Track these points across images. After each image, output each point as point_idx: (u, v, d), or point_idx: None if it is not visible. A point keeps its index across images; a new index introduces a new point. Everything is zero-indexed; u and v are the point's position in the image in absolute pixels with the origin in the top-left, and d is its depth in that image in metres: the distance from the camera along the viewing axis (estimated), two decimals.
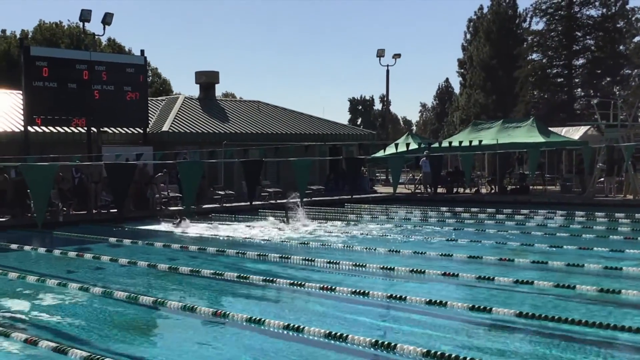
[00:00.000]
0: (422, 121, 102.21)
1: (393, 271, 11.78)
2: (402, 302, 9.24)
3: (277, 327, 7.88)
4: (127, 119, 26.06)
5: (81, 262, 13.69)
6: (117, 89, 24.89)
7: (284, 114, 36.47)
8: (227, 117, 33.35)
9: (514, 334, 8.01)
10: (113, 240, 16.51)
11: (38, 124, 23.87)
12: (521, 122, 31.62)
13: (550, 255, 13.27)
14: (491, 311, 8.54)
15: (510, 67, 51.24)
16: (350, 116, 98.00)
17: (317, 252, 14.41)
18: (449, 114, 75.88)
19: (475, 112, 54.85)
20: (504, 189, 31.13)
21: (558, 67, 49.90)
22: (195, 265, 12.56)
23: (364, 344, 7.11)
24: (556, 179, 34.70)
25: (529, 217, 20.32)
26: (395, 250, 14.13)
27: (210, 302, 10.14)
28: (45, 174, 18.62)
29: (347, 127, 40.83)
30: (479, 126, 32.85)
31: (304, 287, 10.33)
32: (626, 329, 7.61)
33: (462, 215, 21.60)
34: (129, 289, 10.77)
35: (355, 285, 10.28)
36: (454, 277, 11.05)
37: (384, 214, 22.66)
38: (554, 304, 9.46)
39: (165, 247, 15.40)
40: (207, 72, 35.94)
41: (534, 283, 10.30)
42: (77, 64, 24.04)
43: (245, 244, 15.87)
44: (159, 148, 26.15)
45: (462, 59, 63.62)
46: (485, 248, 14.47)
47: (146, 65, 27.94)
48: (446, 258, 13.10)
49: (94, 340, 8.02)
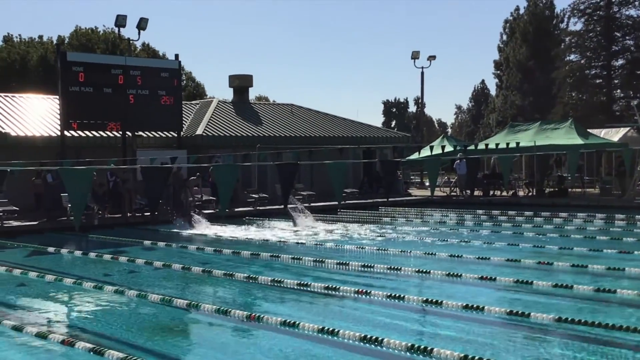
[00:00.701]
0: (457, 123, 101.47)
1: (429, 275, 11.64)
2: (438, 306, 9.11)
3: (312, 331, 7.81)
4: (161, 123, 26.22)
5: (116, 265, 13.76)
6: (152, 93, 25.05)
7: (318, 117, 36.42)
8: (261, 120, 33.41)
9: (553, 339, 7.86)
10: (147, 243, 16.58)
11: (74, 128, 24.12)
12: (559, 124, 31.15)
13: (589, 258, 13.00)
14: (529, 316, 8.38)
15: (547, 68, 50.59)
16: (384, 119, 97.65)
17: (351, 255, 14.29)
18: (484, 115, 75.17)
19: (511, 113, 54.25)
20: (542, 191, 30.68)
21: (597, 68, 49.08)
22: (229, 268, 12.53)
23: (400, 348, 7.01)
24: (595, 182, 34.11)
25: (567, 220, 20.00)
26: (430, 253, 13.95)
27: (244, 305, 10.09)
28: (82, 177, 18.83)
29: (381, 130, 40.64)
30: (516, 128, 32.44)
31: (338, 290, 10.25)
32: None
33: (499, 218, 21.31)
34: (164, 291, 10.80)
35: (390, 289, 10.17)
36: (491, 280, 10.86)
37: (419, 217, 22.47)
38: (593, 308, 9.27)
39: (199, 250, 15.42)
40: (240, 75, 36.06)
41: (574, 287, 10.09)
42: (113, 69, 24.26)
43: (278, 247, 15.80)
44: (193, 152, 26.27)
45: (498, 60, 63.03)
46: (523, 251, 14.25)
47: (180, 70, 28.09)
48: (483, 261, 12.91)
49: (129, 342, 8.05)
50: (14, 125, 25.00)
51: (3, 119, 25.33)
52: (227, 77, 36.36)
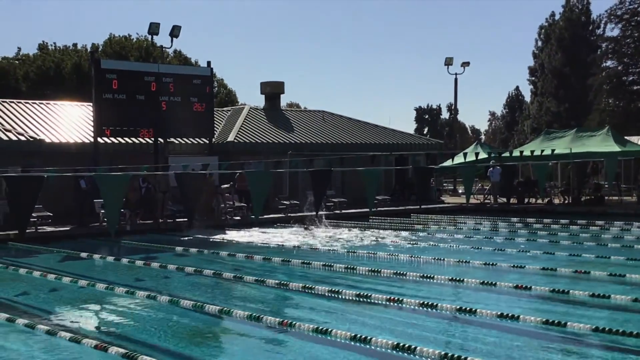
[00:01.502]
0: (491, 130, 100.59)
1: (462, 283, 11.47)
2: (472, 315, 8.97)
3: (344, 338, 7.73)
4: (193, 129, 26.33)
5: (148, 271, 13.81)
6: (184, 100, 25.18)
7: (349, 124, 36.34)
8: (292, 127, 33.42)
9: (590, 349, 7.72)
10: (179, 249, 16.61)
11: (107, 135, 24.32)
12: (596, 131, 30.64)
13: (627, 267, 12.73)
14: (566, 325, 8.21)
15: (583, 74, 49.88)
16: (417, 125, 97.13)
17: (383, 263, 14.16)
18: (519, 122, 74.39)
19: (546, 120, 53.57)
20: (579, 199, 30.21)
21: (634, 74, 48.25)
22: (260, 275, 12.49)
23: (433, 356, 6.91)
24: (633, 190, 33.52)
25: (604, 229, 19.65)
26: (464, 261, 13.77)
27: (275, 312, 10.03)
28: (118, 183, 18.99)
29: (414, 137, 40.42)
30: (551, 135, 31.98)
31: (370, 298, 10.15)
32: None
33: (534, 226, 21.00)
34: (195, 297, 10.78)
35: (423, 297, 10.06)
36: (526, 289, 10.68)
37: (452, 225, 22.25)
38: (631, 318, 9.07)
39: (230, 256, 15.41)
40: (272, 82, 36.13)
41: (611, 297, 9.88)
42: (146, 76, 24.42)
43: (310, 254, 15.73)
44: (224, 158, 26.33)
45: (533, 66, 62.32)
46: (559, 260, 14.01)
47: (212, 77, 28.22)
48: (518, 270, 12.71)
49: (161, 348, 8.06)
50: (48, 132, 25.29)
51: (38, 126, 25.64)
52: (258, 84, 36.50)
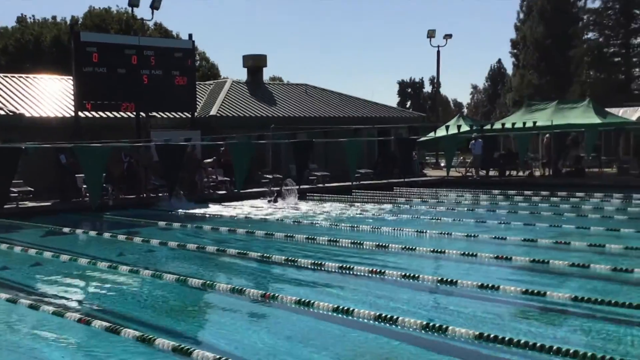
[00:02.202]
0: (473, 103, 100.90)
1: (444, 254, 11.58)
2: (453, 285, 9.06)
3: (327, 310, 7.78)
4: (175, 103, 26.17)
5: (131, 245, 13.80)
6: (166, 74, 25.00)
7: (332, 97, 36.26)
8: (275, 100, 33.30)
9: (569, 318, 7.84)
10: (162, 224, 16.60)
11: (88, 109, 24.12)
12: (577, 103, 30.87)
13: (607, 238, 12.88)
14: (545, 295, 8.32)
15: (565, 46, 50.05)
16: (400, 99, 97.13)
17: (366, 235, 14.24)
18: (501, 95, 74.70)
19: (528, 93, 53.82)
20: (559, 171, 30.44)
21: (615, 46, 48.56)
22: (243, 248, 12.52)
23: (415, 327, 6.98)
24: (613, 162, 33.80)
25: (584, 200, 19.83)
26: (446, 233, 13.88)
27: (258, 284, 10.08)
28: (98, 155, 18.92)
29: (396, 110, 40.43)
30: (532, 107, 32.16)
31: (352, 270, 10.21)
32: None
33: (516, 198, 21.18)
34: (178, 271, 10.81)
35: (405, 269, 10.12)
36: (507, 260, 10.80)
37: (434, 197, 22.36)
38: (611, 288, 9.21)
39: (213, 230, 15.42)
40: (254, 55, 35.89)
41: (590, 266, 10.01)
42: (126, 49, 24.20)
43: (293, 227, 15.79)
44: (207, 132, 26.24)
45: (515, 39, 62.40)
46: (540, 231, 14.13)
47: (194, 50, 27.98)
48: (499, 241, 12.84)
49: (145, 321, 8.08)
50: (28, 107, 25.05)
51: (17, 100, 25.37)
52: (240, 57, 36.28)
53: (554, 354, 6.08)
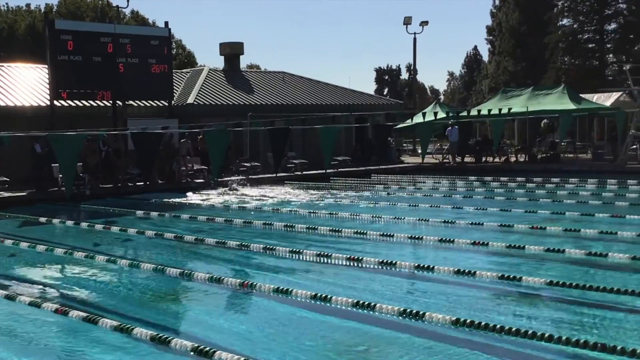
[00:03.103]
0: (449, 90, 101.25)
1: (421, 241, 11.66)
2: (430, 271, 9.15)
3: (305, 297, 7.84)
4: (152, 91, 26.03)
5: (108, 235, 13.75)
6: (142, 62, 24.83)
7: (310, 85, 36.24)
8: (252, 88, 33.22)
9: (544, 302, 7.92)
10: (140, 213, 16.53)
11: (64, 98, 23.93)
12: (552, 89, 31.08)
13: (582, 223, 13.04)
14: (521, 280, 8.42)
15: (540, 33, 50.24)
16: (377, 86, 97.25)
17: (344, 222, 14.29)
18: (477, 82, 74.98)
19: (504, 79, 54.06)
20: (534, 157, 30.71)
21: (589, 32, 48.88)
22: (222, 237, 12.53)
23: (392, 313, 7.05)
24: (587, 147, 34.16)
25: (559, 186, 20.04)
26: (423, 219, 13.98)
27: (237, 273, 10.10)
28: (72, 144, 18.82)
29: (374, 97, 40.50)
30: (508, 94, 32.36)
31: (331, 257, 10.26)
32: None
33: (492, 184, 21.35)
34: (156, 260, 10.79)
35: (382, 256, 10.18)
36: (483, 246, 10.90)
37: (412, 184, 22.48)
38: (586, 272, 9.33)
39: (191, 219, 15.39)
40: (231, 43, 35.73)
41: (566, 251, 10.14)
42: (102, 37, 23.99)
43: (271, 215, 15.81)
44: (184, 121, 26.13)
45: (491, 25, 62.57)
46: (516, 217, 14.27)
47: (170, 38, 27.81)
48: (476, 227, 12.95)
49: (122, 311, 8.05)
50: (2, 96, 24.78)
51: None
52: (217, 45, 36.13)
53: (528, 338, 6.16)
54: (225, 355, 5.73)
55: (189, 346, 6.07)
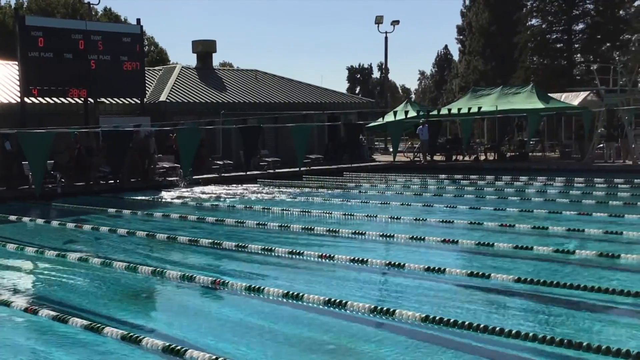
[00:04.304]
0: (420, 89, 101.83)
1: (393, 238, 11.78)
2: (401, 269, 9.24)
3: (277, 295, 7.88)
4: (124, 89, 25.88)
5: (80, 233, 13.67)
6: (114, 59, 24.69)
7: (282, 83, 36.27)
8: (225, 86, 33.16)
9: (513, 299, 8.01)
10: (112, 211, 16.47)
11: (34, 95, 23.71)
12: (521, 89, 31.48)
13: (550, 221, 13.26)
14: (489, 277, 8.53)
15: (509, 33, 50.76)
16: (349, 85, 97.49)
17: (316, 220, 14.39)
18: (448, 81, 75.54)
19: (474, 79, 54.53)
20: (503, 155, 31.08)
21: (558, 32, 49.46)
22: (195, 235, 12.54)
23: (363, 310, 7.12)
24: (555, 146, 34.63)
25: (528, 184, 20.31)
26: (394, 217, 14.11)
27: (209, 271, 10.12)
28: (41, 142, 18.65)
29: (346, 96, 40.62)
30: (478, 93, 32.71)
31: (303, 255, 10.33)
32: (625, 293, 7.61)
33: (462, 182, 21.58)
34: (128, 259, 10.77)
35: (354, 253, 10.26)
36: (453, 243, 11.04)
37: (384, 182, 22.64)
38: (554, 269, 9.46)
39: (164, 217, 15.38)
40: (204, 41, 35.63)
41: (534, 249, 10.30)
42: (73, 34, 23.80)
43: (244, 213, 15.85)
44: (157, 118, 26.03)
45: (461, 25, 63.05)
46: (485, 214, 14.46)
47: (142, 35, 27.67)
48: (446, 224, 13.10)
49: (94, 310, 8.01)
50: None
51: None
52: (190, 43, 36.00)
53: (496, 335, 6.24)
54: (197, 354, 5.73)
55: (159, 345, 6.05)
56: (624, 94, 27.97)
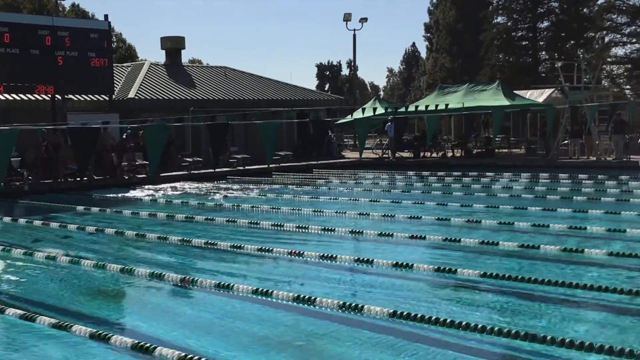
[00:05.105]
0: (389, 86, 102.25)
1: (362, 235, 11.88)
2: (369, 265, 9.34)
3: (246, 292, 7.90)
4: (92, 85, 25.69)
5: (47, 231, 13.55)
6: (81, 55, 24.50)
7: (252, 80, 36.23)
8: (194, 83, 33.06)
9: (479, 294, 8.12)
10: (80, 209, 16.36)
11: (0, 91, 23.45)
12: (487, 86, 31.82)
13: (515, 216, 13.46)
14: (456, 272, 8.65)
15: (476, 30, 51.16)
16: (318, 82, 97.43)
17: (285, 217, 14.45)
18: (415, 78, 76.00)
19: (441, 76, 54.95)
20: (470, 152, 31.41)
21: (523, 30, 49.94)
22: (165, 232, 12.52)
23: (332, 306, 7.18)
24: (521, 142, 35.06)
25: (494, 180, 20.56)
26: (363, 214, 14.23)
27: (178, 269, 10.12)
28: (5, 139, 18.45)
29: (315, 93, 40.71)
30: (445, 90, 33.01)
31: (272, 252, 10.37)
32: (588, 287, 7.76)
33: (429, 179, 21.77)
34: (97, 256, 10.72)
35: (323, 250, 10.31)
36: (421, 239, 11.15)
37: (353, 179, 22.76)
38: (519, 264, 9.60)
39: (133, 214, 15.32)
40: (172, 37, 35.46)
41: (500, 244, 10.45)
42: (40, 30, 23.59)
43: (213, 210, 15.85)
44: (125, 115, 25.88)
45: (429, 23, 63.51)
46: (452, 210, 14.63)
47: (110, 31, 27.49)
48: (414, 220, 13.23)
49: (62, 308, 7.97)
50: None
51: None
52: (158, 39, 35.80)
53: (463, 329, 6.33)
54: (166, 352, 5.74)
55: (129, 343, 6.04)
56: (587, 91, 28.45)
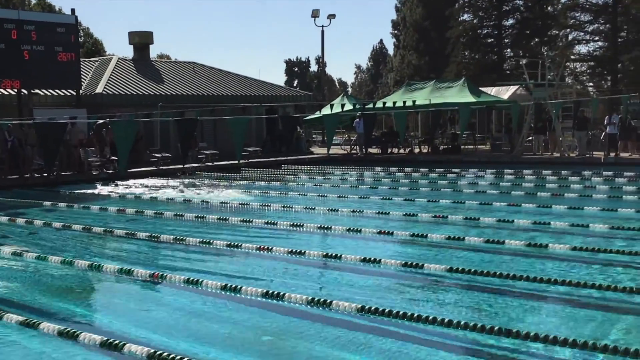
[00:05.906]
0: (357, 83, 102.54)
1: (330, 230, 11.96)
2: (338, 260, 9.42)
3: (215, 288, 7.92)
4: (59, 80, 25.44)
5: (13, 227, 13.41)
6: (48, 50, 24.25)
7: (220, 76, 36.15)
8: (162, 78, 32.89)
9: (445, 289, 8.25)
10: (47, 204, 16.22)
11: None
12: (453, 83, 32.13)
13: (481, 212, 13.65)
14: (423, 267, 8.76)
15: (442, 28, 51.58)
16: (287, 78, 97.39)
17: (255, 213, 14.49)
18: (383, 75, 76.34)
19: (408, 73, 55.30)
20: (437, 148, 31.71)
21: (488, 27, 50.50)
22: (133, 228, 12.49)
23: (301, 302, 7.23)
24: (486, 139, 35.46)
25: (460, 176, 20.79)
26: (332, 209, 14.31)
27: (147, 265, 10.10)
28: None
29: (284, 89, 40.72)
30: (412, 87, 33.27)
31: (241, 247, 10.38)
32: (552, 282, 7.92)
33: (397, 174, 21.94)
34: (64, 253, 10.66)
35: (292, 245, 10.38)
36: (389, 234, 11.27)
37: (321, 175, 22.85)
38: (485, 259, 9.72)
39: (101, 210, 15.25)
40: (140, 32, 35.20)
41: (466, 239, 10.60)
42: (5, 23, 23.30)
43: (183, 207, 15.83)
44: (93, 111, 25.68)
45: (396, 20, 63.83)
46: (419, 206, 14.77)
47: (77, 25, 27.20)
48: (382, 216, 13.36)
49: (29, 306, 7.91)
50: None
51: None
52: (126, 34, 35.53)
53: (430, 324, 6.43)
54: (135, 348, 5.74)
55: (97, 340, 6.00)
56: (551, 88, 28.85)
